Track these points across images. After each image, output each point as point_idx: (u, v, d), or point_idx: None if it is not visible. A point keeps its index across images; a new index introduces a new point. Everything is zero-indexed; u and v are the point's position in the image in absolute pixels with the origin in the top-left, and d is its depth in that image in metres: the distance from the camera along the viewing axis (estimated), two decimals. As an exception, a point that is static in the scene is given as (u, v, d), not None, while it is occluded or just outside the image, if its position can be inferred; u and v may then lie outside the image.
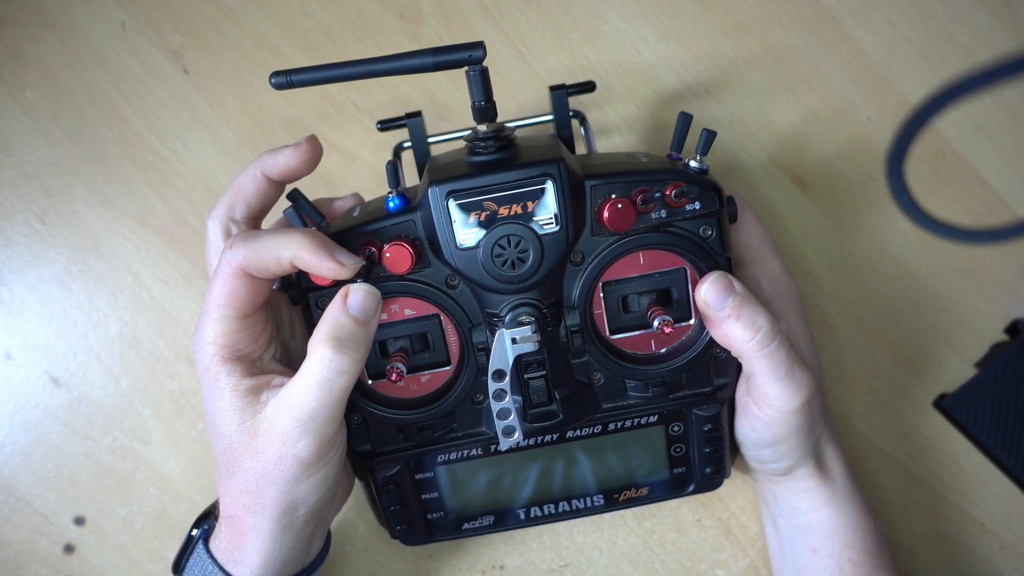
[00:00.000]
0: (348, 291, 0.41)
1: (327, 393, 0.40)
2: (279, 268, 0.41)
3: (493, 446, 0.48)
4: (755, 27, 0.58)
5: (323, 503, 0.44)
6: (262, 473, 0.41)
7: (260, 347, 0.44)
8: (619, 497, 0.51)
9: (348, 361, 0.40)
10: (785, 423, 0.45)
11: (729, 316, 0.43)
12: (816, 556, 0.51)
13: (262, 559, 0.44)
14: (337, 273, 0.40)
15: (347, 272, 0.40)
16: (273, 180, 0.45)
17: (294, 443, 0.40)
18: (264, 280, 0.42)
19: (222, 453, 0.43)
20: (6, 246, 0.58)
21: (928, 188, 0.59)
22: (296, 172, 0.45)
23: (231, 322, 0.42)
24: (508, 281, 0.42)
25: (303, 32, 0.58)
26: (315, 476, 0.42)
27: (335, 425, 0.41)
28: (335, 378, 0.40)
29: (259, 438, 0.41)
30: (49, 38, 0.57)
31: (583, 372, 0.46)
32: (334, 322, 0.40)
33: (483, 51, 0.40)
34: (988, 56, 0.58)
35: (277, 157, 0.44)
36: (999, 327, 0.59)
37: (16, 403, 0.58)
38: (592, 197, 0.43)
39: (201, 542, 0.46)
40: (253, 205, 0.45)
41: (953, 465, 0.59)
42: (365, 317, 0.41)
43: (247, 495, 0.42)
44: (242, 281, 0.41)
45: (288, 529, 0.43)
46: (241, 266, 0.41)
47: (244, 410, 0.42)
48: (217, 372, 0.42)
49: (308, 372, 0.40)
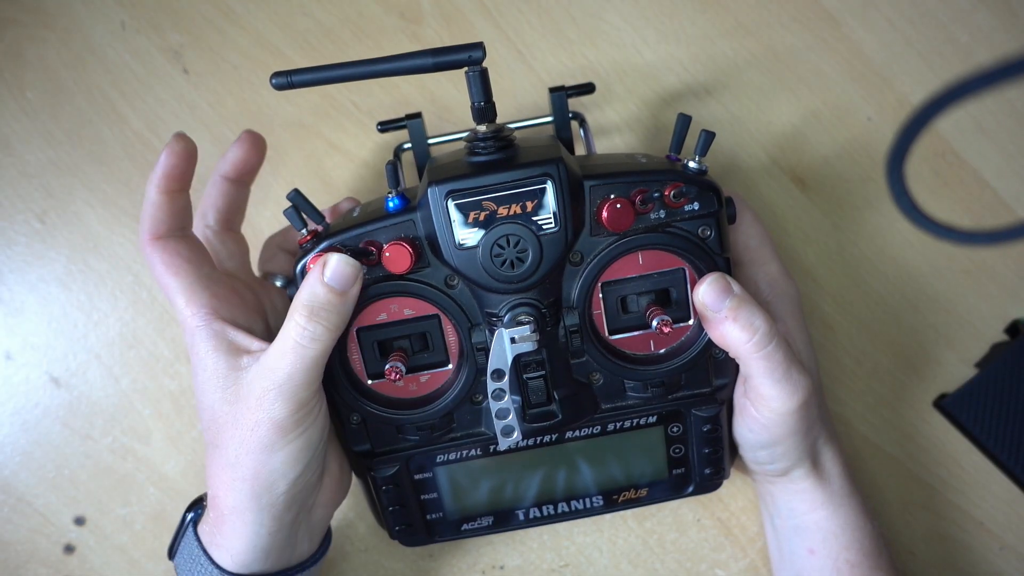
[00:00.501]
0: (326, 260, 0.42)
1: (300, 359, 0.41)
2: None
3: (492, 446, 0.48)
4: (755, 27, 0.58)
5: (303, 482, 0.44)
6: (241, 441, 0.42)
7: (248, 320, 0.46)
8: (618, 498, 0.51)
9: (321, 329, 0.41)
10: (782, 424, 0.45)
11: (727, 317, 0.43)
12: (814, 557, 0.51)
13: (242, 544, 0.44)
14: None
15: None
16: (231, 178, 0.49)
17: (270, 405, 0.41)
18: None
19: (208, 426, 0.44)
20: (6, 246, 0.58)
21: (928, 188, 0.59)
22: (245, 163, 0.49)
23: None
24: (507, 281, 0.42)
25: (303, 32, 0.57)
26: (292, 444, 0.42)
27: (311, 390, 0.42)
28: (308, 344, 0.41)
29: (239, 404, 0.42)
30: (49, 38, 0.57)
31: (582, 372, 0.46)
32: (310, 291, 0.41)
33: (483, 52, 0.41)
34: (988, 56, 0.58)
35: (226, 156, 0.49)
36: (999, 327, 0.59)
37: (16, 403, 0.58)
38: (591, 197, 0.43)
39: (191, 525, 0.47)
40: (221, 207, 0.49)
41: (953, 465, 0.59)
42: (342, 287, 0.42)
43: (228, 469, 0.43)
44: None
45: (268, 510, 0.43)
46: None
47: (227, 377, 0.43)
48: (198, 328, 0.44)
49: (283, 337, 0.41)
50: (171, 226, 0.45)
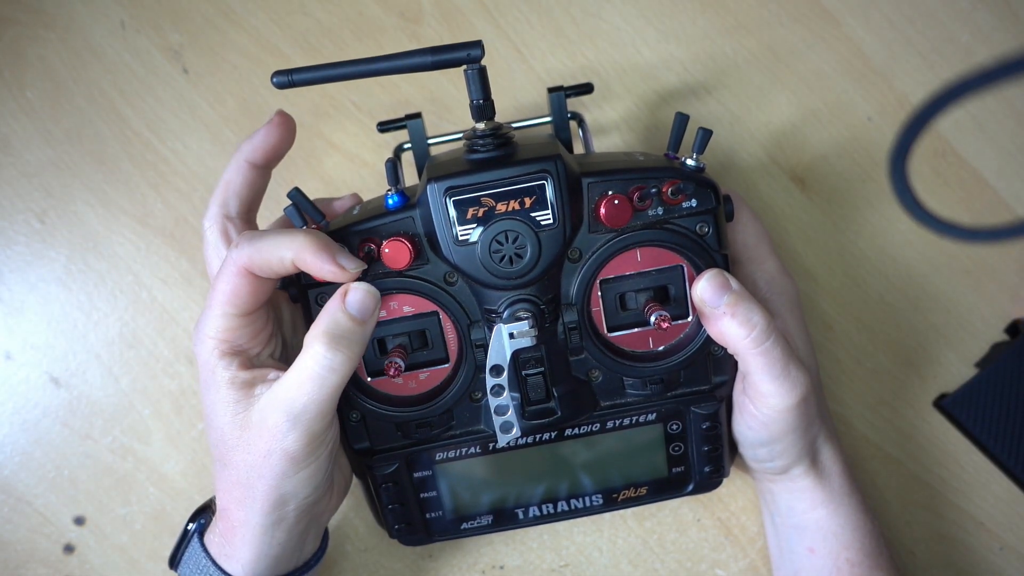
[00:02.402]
0: (348, 289, 0.42)
1: (319, 388, 0.40)
2: (282, 268, 0.41)
3: (491, 444, 0.48)
4: (755, 27, 0.58)
5: (314, 499, 0.44)
6: (252, 466, 0.42)
7: (260, 344, 0.44)
8: (618, 497, 0.51)
9: (342, 359, 0.40)
10: (781, 421, 0.45)
11: (724, 313, 0.43)
12: (813, 556, 0.51)
13: (253, 554, 0.44)
14: (337, 276, 0.41)
15: (347, 276, 0.41)
16: (258, 165, 0.46)
17: (283, 437, 0.41)
18: (267, 279, 0.42)
19: (216, 445, 0.43)
20: (6, 246, 0.58)
21: (928, 188, 0.59)
22: (276, 149, 0.46)
23: (232, 319, 0.42)
24: (506, 277, 0.42)
25: (303, 32, 0.58)
26: (304, 471, 0.42)
27: (325, 421, 0.41)
28: (328, 375, 0.40)
29: (250, 431, 0.42)
30: (49, 38, 0.57)
31: (581, 370, 0.46)
32: (331, 319, 0.41)
33: (481, 50, 0.41)
34: (988, 56, 0.58)
35: (255, 140, 0.46)
36: (999, 327, 0.59)
37: (16, 403, 0.58)
38: (589, 194, 0.43)
39: (196, 536, 0.46)
40: (245, 197, 0.46)
41: (953, 465, 0.59)
42: (363, 316, 0.41)
43: (238, 488, 0.43)
44: (245, 280, 0.41)
45: (279, 524, 0.43)
46: (245, 265, 0.41)
47: (238, 403, 0.42)
48: (215, 365, 0.42)
49: (301, 367, 0.41)
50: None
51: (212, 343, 0.42)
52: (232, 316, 0.42)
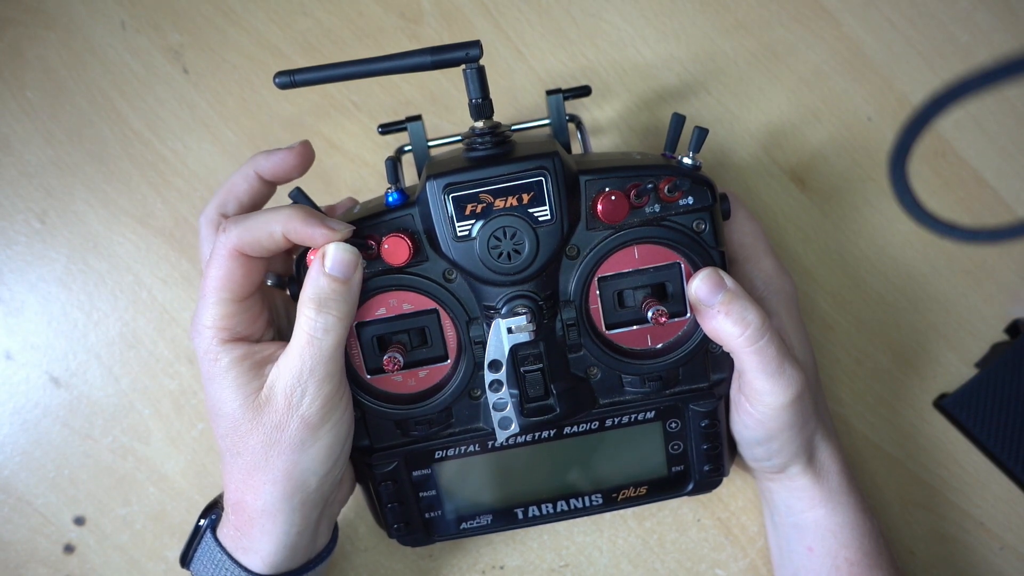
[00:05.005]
0: (324, 252, 0.42)
1: (318, 350, 0.41)
2: (272, 243, 0.42)
3: (491, 442, 0.48)
4: (755, 26, 0.58)
5: (332, 478, 0.45)
6: (270, 443, 0.42)
7: (259, 329, 0.45)
8: (618, 496, 0.51)
9: (332, 319, 0.41)
10: (776, 419, 0.45)
11: (719, 311, 0.43)
12: (812, 555, 0.51)
13: (273, 544, 0.44)
14: (329, 238, 0.41)
15: (339, 236, 0.42)
16: (265, 180, 0.47)
17: (298, 402, 0.42)
18: (259, 260, 0.43)
19: (226, 435, 0.43)
20: (6, 246, 0.58)
21: (928, 188, 0.59)
22: (288, 174, 0.47)
23: (228, 305, 0.43)
24: (504, 273, 0.43)
25: (303, 32, 0.58)
26: (321, 440, 0.43)
27: (334, 382, 0.42)
28: (323, 336, 0.41)
29: (264, 408, 0.42)
30: (49, 38, 0.57)
31: (580, 367, 0.47)
32: (315, 284, 0.42)
33: (479, 49, 0.41)
34: (988, 56, 0.58)
35: (272, 158, 0.46)
36: (999, 327, 0.59)
37: (16, 403, 0.58)
38: (586, 191, 0.44)
39: (209, 531, 0.47)
40: (245, 203, 0.47)
41: (953, 465, 0.59)
42: (345, 275, 0.42)
43: (255, 474, 0.43)
44: (237, 262, 0.42)
45: (299, 509, 0.44)
46: (235, 246, 0.42)
47: (248, 384, 0.43)
48: (218, 353, 0.43)
49: (297, 334, 0.42)
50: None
51: (211, 332, 0.43)
52: (228, 302, 0.43)
